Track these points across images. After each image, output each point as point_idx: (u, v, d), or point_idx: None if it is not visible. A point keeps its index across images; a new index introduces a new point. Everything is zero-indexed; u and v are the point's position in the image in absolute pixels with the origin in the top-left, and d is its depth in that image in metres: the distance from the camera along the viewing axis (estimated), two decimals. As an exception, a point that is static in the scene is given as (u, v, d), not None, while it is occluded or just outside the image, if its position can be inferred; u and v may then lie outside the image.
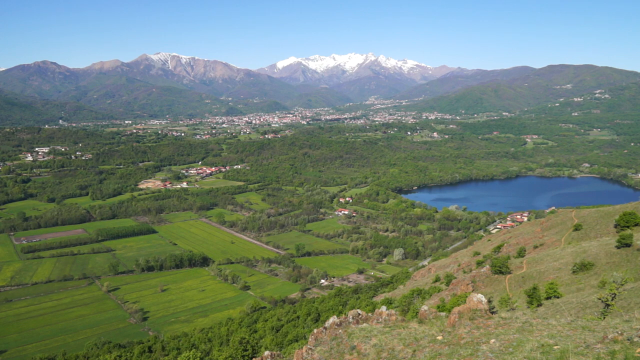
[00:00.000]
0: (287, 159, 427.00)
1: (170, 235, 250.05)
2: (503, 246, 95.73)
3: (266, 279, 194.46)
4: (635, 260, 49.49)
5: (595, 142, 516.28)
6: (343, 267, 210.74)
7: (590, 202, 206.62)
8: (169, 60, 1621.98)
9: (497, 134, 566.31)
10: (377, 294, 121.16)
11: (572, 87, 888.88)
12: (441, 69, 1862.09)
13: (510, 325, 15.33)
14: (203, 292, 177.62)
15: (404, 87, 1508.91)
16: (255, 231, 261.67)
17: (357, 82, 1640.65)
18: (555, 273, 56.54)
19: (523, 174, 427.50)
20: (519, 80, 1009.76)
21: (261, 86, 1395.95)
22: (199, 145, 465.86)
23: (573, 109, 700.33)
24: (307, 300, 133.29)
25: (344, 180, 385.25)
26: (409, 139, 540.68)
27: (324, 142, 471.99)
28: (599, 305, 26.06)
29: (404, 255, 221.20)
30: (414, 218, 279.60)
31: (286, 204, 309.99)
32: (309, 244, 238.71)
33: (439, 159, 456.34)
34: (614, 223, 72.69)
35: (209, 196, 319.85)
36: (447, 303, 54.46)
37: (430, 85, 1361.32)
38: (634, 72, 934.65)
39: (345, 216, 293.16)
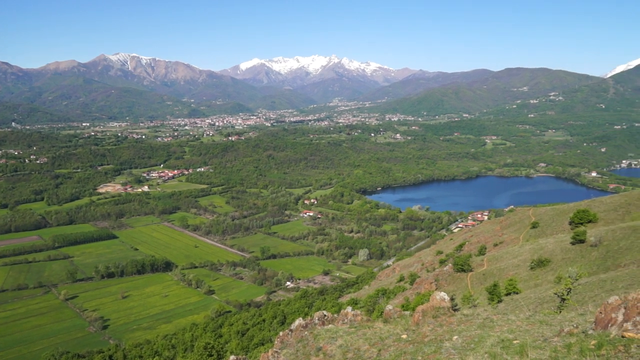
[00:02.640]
0: (252, 161, 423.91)
1: (131, 241, 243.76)
2: (465, 245, 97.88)
3: (231, 283, 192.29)
4: (588, 256, 51.53)
5: (551, 143, 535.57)
6: (309, 269, 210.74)
7: (547, 201, 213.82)
8: (128, 61, 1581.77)
9: (457, 135, 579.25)
10: (343, 294, 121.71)
11: (528, 90, 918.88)
12: (403, 72, 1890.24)
13: (472, 321, 15.66)
14: (166, 298, 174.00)
15: (367, 89, 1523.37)
16: (219, 234, 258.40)
17: (320, 84, 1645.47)
18: (515, 270, 58.25)
19: (483, 174, 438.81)
20: (478, 83, 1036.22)
21: (224, 88, 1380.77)
22: (160, 148, 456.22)
23: (529, 111, 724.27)
24: (273, 303, 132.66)
25: (309, 182, 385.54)
26: (373, 140, 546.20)
27: (289, 144, 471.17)
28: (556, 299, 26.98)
29: (368, 255, 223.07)
30: (378, 218, 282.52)
31: (251, 207, 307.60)
32: (274, 247, 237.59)
33: (402, 160, 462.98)
34: (568, 220, 75.49)
35: (171, 200, 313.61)
36: (411, 302, 55.26)
37: (392, 87, 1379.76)
38: (586, 75, 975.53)
39: (311, 218, 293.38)
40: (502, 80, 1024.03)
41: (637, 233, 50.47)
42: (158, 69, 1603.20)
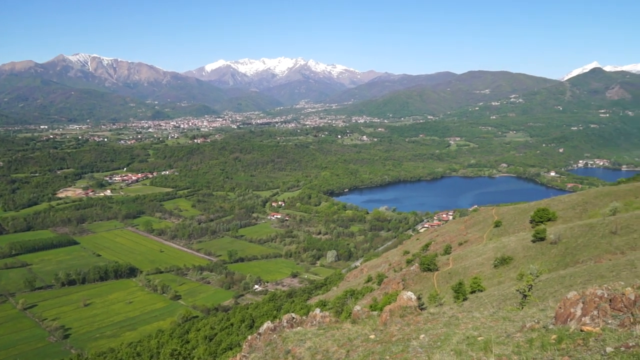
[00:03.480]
0: (218, 164, 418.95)
1: (93, 246, 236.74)
2: (431, 244, 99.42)
3: (198, 287, 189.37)
4: (548, 253, 53.20)
5: (512, 144, 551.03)
6: (277, 272, 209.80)
7: (509, 200, 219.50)
8: (89, 62, 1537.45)
9: (423, 137, 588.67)
10: (312, 296, 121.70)
11: (490, 92, 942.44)
12: (369, 74, 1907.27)
13: (438, 320, 15.92)
14: (131, 304, 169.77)
15: (334, 91, 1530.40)
16: (185, 238, 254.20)
17: (287, 86, 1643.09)
18: (479, 268, 59.57)
19: (448, 174, 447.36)
20: (442, 85, 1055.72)
21: (189, 89, 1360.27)
22: (123, 151, 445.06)
23: (491, 113, 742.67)
24: (241, 307, 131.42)
25: (276, 184, 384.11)
26: (340, 142, 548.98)
27: (255, 146, 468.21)
28: (518, 296, 27.71)
29: (336, 257, 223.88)
30: (345, 220, 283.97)
31: (217, 210, 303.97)
32: (241, 250, 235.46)
33: (368, 161, 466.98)
34: (529, 219, 77.73)
35: (135, 204, 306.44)
36: (379, 302, 55.74)
37: (359, 89, 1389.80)
38: (544, 79, 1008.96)
39: (278, 220, 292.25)
40: (465, 83, 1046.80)
41: (593, 230, 52.42)
42: (120, 70, 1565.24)
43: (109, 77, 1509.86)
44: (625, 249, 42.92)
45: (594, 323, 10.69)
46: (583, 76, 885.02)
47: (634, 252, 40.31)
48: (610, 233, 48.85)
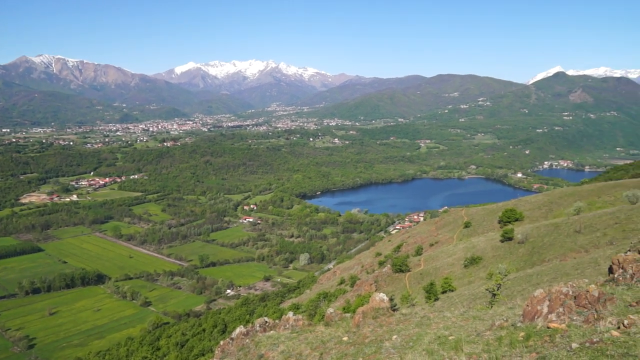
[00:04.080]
0: (188, 167, 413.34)
1: (59, 253, 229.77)
2: (402, 246, 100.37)
3: (169, 293, 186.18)
4: (516, 252, 54.45)
5: (480, 146, 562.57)
6: (249, 276, 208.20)
7: (478, 201, 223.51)
8: (53, 63, 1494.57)
9: (393, 139, 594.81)
10: (285, 300, 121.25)
11: (458, 95, 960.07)
12: (340, 77, 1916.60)
13: (410, 320, 16.08)
14: (99, 312, 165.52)
15: (305, 94, 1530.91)
16: (155, 244, 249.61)
17: (258, 89, 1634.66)
18: (450, 268, 60.49)
19: (418, 176, 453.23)
20: (412, 88, 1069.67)
21: (158, 92, 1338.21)
22: (90, 155, 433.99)
23: (460, 115, 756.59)
24: (213, 312, 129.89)
25: (248, 187, 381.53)
26: (312, 145, 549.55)
27: (227, 149, 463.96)
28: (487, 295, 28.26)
29: (309, 260, 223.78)
30: (318, 223, 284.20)
31: (188, 214, 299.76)
32: (213, 254, 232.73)
33: (340, 164, 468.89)
34: (497, 219, 79.42)
35: (103, 209, 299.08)
36: (352, 304, 55.90)
37: (330, 92, 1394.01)
38: (510, 82, 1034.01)
39: (250, 224, 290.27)
40: (434, 86, 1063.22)
41: (559, 229, 53.92)
42: (86, 72, 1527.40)
43: (74, 79, 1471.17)
44: (589, 247, 44.29)
45: (560, 320, 10.98)
46: (547, 80, 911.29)
47: (597, 250, 41.63)
48: (574, 232, 50.34)
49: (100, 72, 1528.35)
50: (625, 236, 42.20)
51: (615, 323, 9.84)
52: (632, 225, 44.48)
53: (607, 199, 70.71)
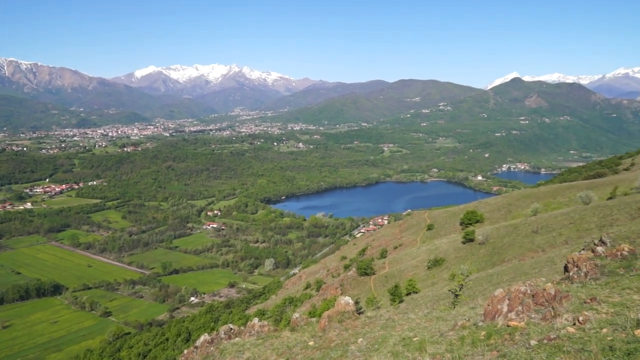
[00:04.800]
0: (150, 173, 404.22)
1: (12, 264, 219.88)
2: (367, 249, 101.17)
3: (130, 302, 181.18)
4: (477, 253, 55.78)
5: (441, 150, 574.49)
6: (214, 282, 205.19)
7: (440, 204, 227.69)
8: (5, 66, 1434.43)
9: (357, 143, 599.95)
10: (250, 306, 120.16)
11: (420, 100, 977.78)
12: (304, 82, 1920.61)
13: (375, 323, 16.20)
14: (56, 324, 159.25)
15: (269, 99, 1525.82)
16: (115, 252, 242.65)
17: (221, 93, 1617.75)
18: (414, 270, 61.36)
19: (382, 180, 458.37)
20: (375, 93, 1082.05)
21: (118, 96, 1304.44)
22: (45, 161, 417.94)
23: (422, 120, 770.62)
24: (177, 320, 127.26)
25: (212, 192, 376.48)
26: (276, 149, 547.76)
27: (189, 155, 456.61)
28: (450, 296, 28.80)
29: (275, 265, 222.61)
30: (283, 227, 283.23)
31: (150, 221, 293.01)
32: (176, 261, 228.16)
33: (305, 168, 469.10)
34: (459, 221, 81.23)
35: (59, 217, 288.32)
36: (318, 308, 55.91)
37: (294, 97, 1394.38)
38: (470, 87, 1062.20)
39: (214, 230, 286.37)
40: (396, 91, 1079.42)
41: (517, 230, 55.59)
42: (41, 75, 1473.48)
43: (28, 82, 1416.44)
44: (546, 246, 45.84)
45: (519, 318, 11.30)
46: (504, 85, 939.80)
47: (554, 249, 43.13)
48: (532, 232, 52.01)
49: (56, 75, 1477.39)
50: (580, 235, 43.90)
51: (571, 320, 10.20)
52: (585, 225, 46.32)
53: (562, 200, 73.43)
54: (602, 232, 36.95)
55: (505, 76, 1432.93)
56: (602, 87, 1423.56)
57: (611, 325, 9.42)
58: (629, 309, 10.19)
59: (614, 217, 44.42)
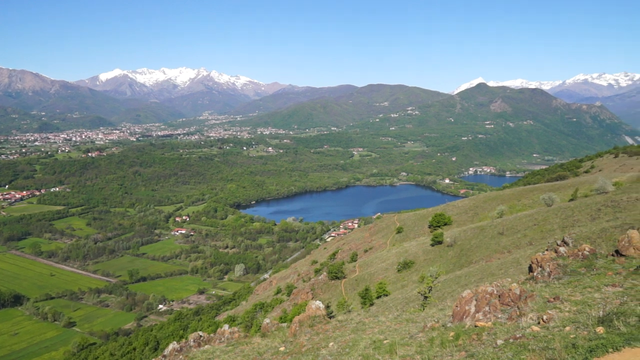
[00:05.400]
0: (116, 179, 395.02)
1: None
2: (338, 253, 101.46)
3: (95, 312, 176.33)
4: (446, 255, 56.66)
5: (410, 153, 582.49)
6: (182, 289, 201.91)
7: (409, 207, 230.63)
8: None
9: (327, 148, 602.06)
10: (220, 312, 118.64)
11: (389, 105, 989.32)
12: (273, 86, 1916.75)
13: (346, 327, 16.24)
14: (16, 336, 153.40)
15: (238, 103, 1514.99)
16: (80, 260, 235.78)
17: (189, 97, 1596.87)
18: (384, 273, 61.84)
19: (352, 184, 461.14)
20: (344, 98, 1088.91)
21: (81, 100, 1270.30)
22: (4, 167, 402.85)
23: (391, 124, 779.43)
24: (144, 329, 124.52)
25: (180, 198, 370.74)
26: (245, 154, 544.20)
27: (157, 159, 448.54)
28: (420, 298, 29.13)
29: (245, 270, 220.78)
30: (253, 232, 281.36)
31: (116, 227, 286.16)
32: (144, 269, 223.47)
33: (275, 172, 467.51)
34: (428, 224, 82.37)
35: (20, 224, 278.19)
36: (289, 313, 55.64)
37: (263, 101, 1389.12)
38: (437, 92, 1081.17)
39: (183, 235, 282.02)
40: (365, 95, 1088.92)
41: (484, 232, 56.75)
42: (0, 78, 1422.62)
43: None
44: (511, 247, 46.94)
45: (486, 318, 11.53)
46: (470, 90, 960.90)
47: (519, 250, 44.21)
48: (498, 234, 53.19)
49: (16, 78, 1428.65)
50: (543, 236, 45.14)
51: (535, 319, 10.47)
52: (548, 226, 47.67)
53: (526, 202, 75.39)
54: (565, 232, 38.11)
55: (471, 81, 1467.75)
56: (562, 93, 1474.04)
57: (574, 323, 9.70)
58: (590, 307, 10.52)
59: (576, 218, 45.87)
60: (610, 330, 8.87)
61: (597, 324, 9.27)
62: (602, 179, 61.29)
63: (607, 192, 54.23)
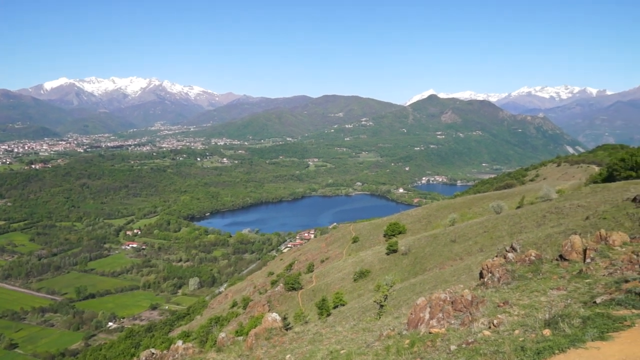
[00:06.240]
0: (62, 192, 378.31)
1: None
2: (294, 264, 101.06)
3: (39, 332, 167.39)
4: (401, 264, 57.54)
5: (365, 163, 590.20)
6: (134, 305, 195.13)
7: (364, 216, 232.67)
8: None
9: (283, 158, 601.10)
10: (174, 328, 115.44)
11: (343, 115, 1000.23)
12: (228, 96, 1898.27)
13: (303, 338, 16.14)
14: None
15: (192, 113, 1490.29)
16: (22, 277, 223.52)
17: (141, 107, 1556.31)
18: (340, 283, 62.05)
19: (308, 194, 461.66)
20: (299, 108, 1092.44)
21: (24, 109, 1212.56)
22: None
23: (345, 135, 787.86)
24: (93, 349, 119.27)
25: (131, 211, 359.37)
26: (199, 165, 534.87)
27: (106, 171, 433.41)
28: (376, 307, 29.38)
29: (199, 284, 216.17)
30: (208, 245, 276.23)
31: (62, 243, 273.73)
32: (92, 285, 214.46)
33: (230, 184, 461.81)
34: (383, 233, 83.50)
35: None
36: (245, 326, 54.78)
37: (217, 111, 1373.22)
38: (390, 103, 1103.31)
39: (134, 250, 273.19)
40: (320, 106, 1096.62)
41: (437, 240, 58.08)
42: None
43: None
44: (463, 254, 48.26)
45: (440, 325, 11.76)
46: (422, 102, 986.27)
47: (470, 257, 45.50)
48: (450, 242, 54.57)
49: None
50: (493, 243, 46.69)
51: (486, 323, 10.77)
52: (498, 233, 49.37)
53: (477, 210, 77.86)
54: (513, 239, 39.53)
55: (423, 93, 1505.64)
56: (508, 105, 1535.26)
57: (522, 327, 10.05)
58: (537, 310, 10.94)
59: (523, 224, 47.73)
60: (556, 332, 9.24)
61: (544, 327, 9.64)
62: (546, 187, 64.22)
63: (551, 199, 56.78)
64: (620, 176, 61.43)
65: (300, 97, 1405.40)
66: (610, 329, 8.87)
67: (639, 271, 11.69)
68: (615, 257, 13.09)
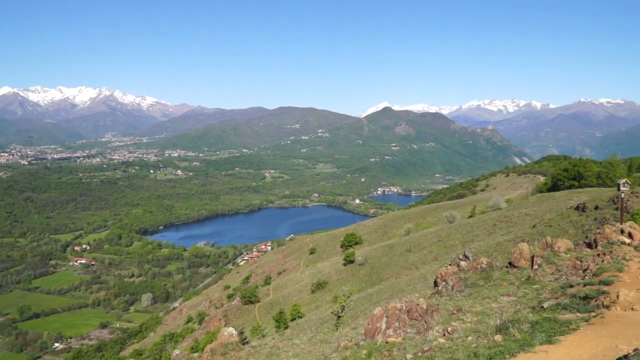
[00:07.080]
0: (3, 206, 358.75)
1: None
2: (251, 276, 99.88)
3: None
4: (358, 274, 57.93)
5: (321, 175, 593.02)
6: (82, 324, 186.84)
7: (321, 227, 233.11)
8: None
9: (239, 170, 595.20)
10: (125, 347, 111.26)
11: (299, 127, 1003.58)
12: (182, 107, 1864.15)
13: (260, 352, 15.93)
14: None
15: (144, 124, 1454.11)
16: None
17: (90, 118, 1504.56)
18: (298, 295, 61.75)
19: (264, 206, 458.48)
20: (255, 120, 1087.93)
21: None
22: None
23: (302, 146, 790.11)
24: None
25: (80, 225, 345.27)
26: (152, 177, 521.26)
27: (52, 184, 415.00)
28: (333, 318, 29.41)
29: (153, 299, 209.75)
30: (161, 259, 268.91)
31: (4, 260, 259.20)
32: (36, 304, 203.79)
33: (184, 196, 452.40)
34: (340, 244, 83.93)
35: None
36: (200, 342, 53.54)
37: (171, 122, 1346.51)
38: (346, 115, 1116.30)
39: (83, 266, 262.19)
40: (276, 117, 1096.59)
41: (393, 250, 58.90)
42: None
43: None
44: (419, 264, 49.14)
45: (397, 334, 11.89)
46: (377, 114, 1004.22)
47: (425, 266, 46.37)
48: (406, 251, 55.49)
49: None
50: (447, 252, 47.81)
51: (441, 331, 10.99)
52: (451, 242, 50.62)
53: (431, 220, 79.66)
54: (465, 247, 40.65)
55: (377, 105, 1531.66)
56: (459, 117, 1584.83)
57: (475, 333, 10.32)
58: (489, 317, 11.26)
59: (475, 233, 49.18)
60: (507, 337, 9.54)
61: (496, 333, 9.94)
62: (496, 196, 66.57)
63: (501, 208, 58.87)
64: (564, 185, 64.52)
65: (256, 108, 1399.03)
66: (557, 332, 9.25)
67: (582, 276, 12.26)
68: (561, 263, 13.70)
